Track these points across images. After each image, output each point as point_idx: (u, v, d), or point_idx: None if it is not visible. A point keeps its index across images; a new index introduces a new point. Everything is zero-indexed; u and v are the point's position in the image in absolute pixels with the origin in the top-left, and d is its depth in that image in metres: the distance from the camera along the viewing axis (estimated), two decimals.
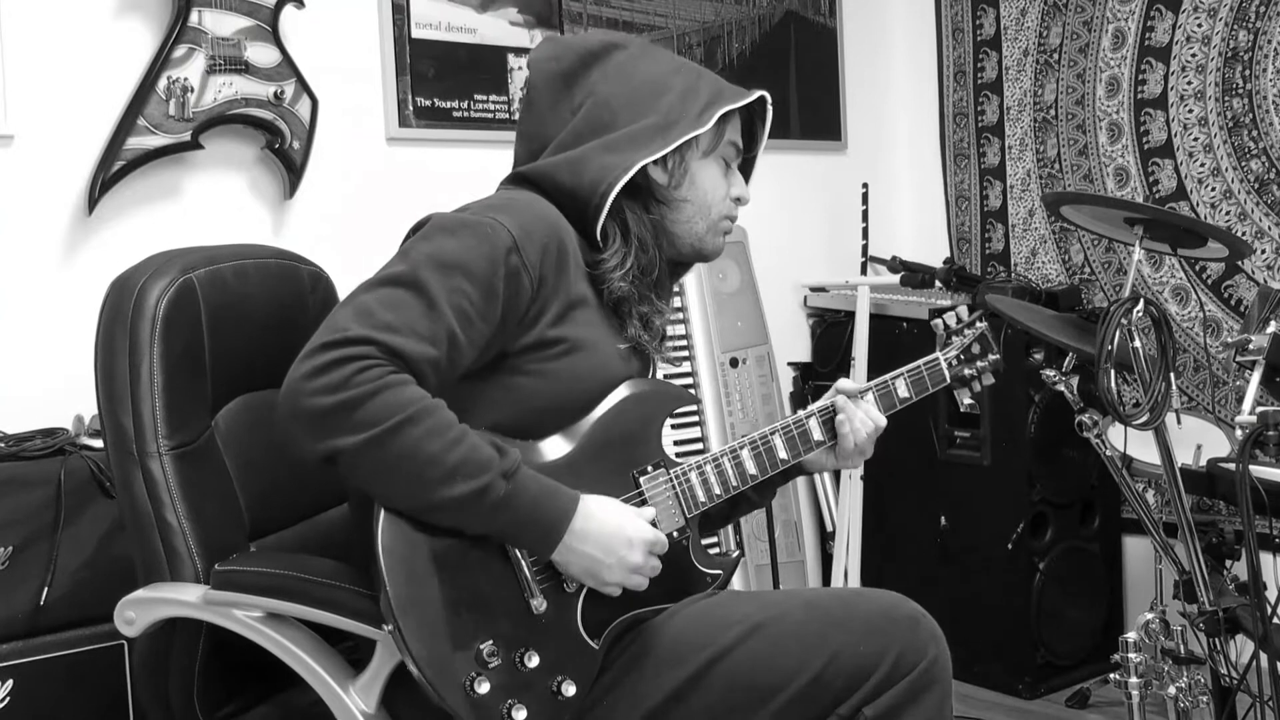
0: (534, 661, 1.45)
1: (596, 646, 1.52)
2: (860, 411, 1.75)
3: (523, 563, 1.47)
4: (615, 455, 1.58)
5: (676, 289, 1.84)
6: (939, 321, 1.87)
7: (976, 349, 1.87)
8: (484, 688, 1.40)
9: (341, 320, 1.42)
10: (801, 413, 1.75)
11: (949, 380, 1.86)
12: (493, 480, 1.41)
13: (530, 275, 1.51)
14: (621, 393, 1.61)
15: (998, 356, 1.88)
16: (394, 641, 1.39)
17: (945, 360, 1.85)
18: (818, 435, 1.74)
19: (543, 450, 1.55)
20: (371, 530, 1.41)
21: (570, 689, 1.47)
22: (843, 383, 1.79)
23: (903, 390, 1.81)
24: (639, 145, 1.62)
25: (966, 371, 1.87)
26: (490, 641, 1.43)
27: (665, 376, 3.08)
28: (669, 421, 1.74)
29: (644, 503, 1.59)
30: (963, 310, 1.88)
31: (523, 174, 1.68)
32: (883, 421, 1.77)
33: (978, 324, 1.87)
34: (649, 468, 1.61)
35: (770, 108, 1.78)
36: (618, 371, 1.62)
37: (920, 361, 1.84)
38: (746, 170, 1.82)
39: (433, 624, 1.40)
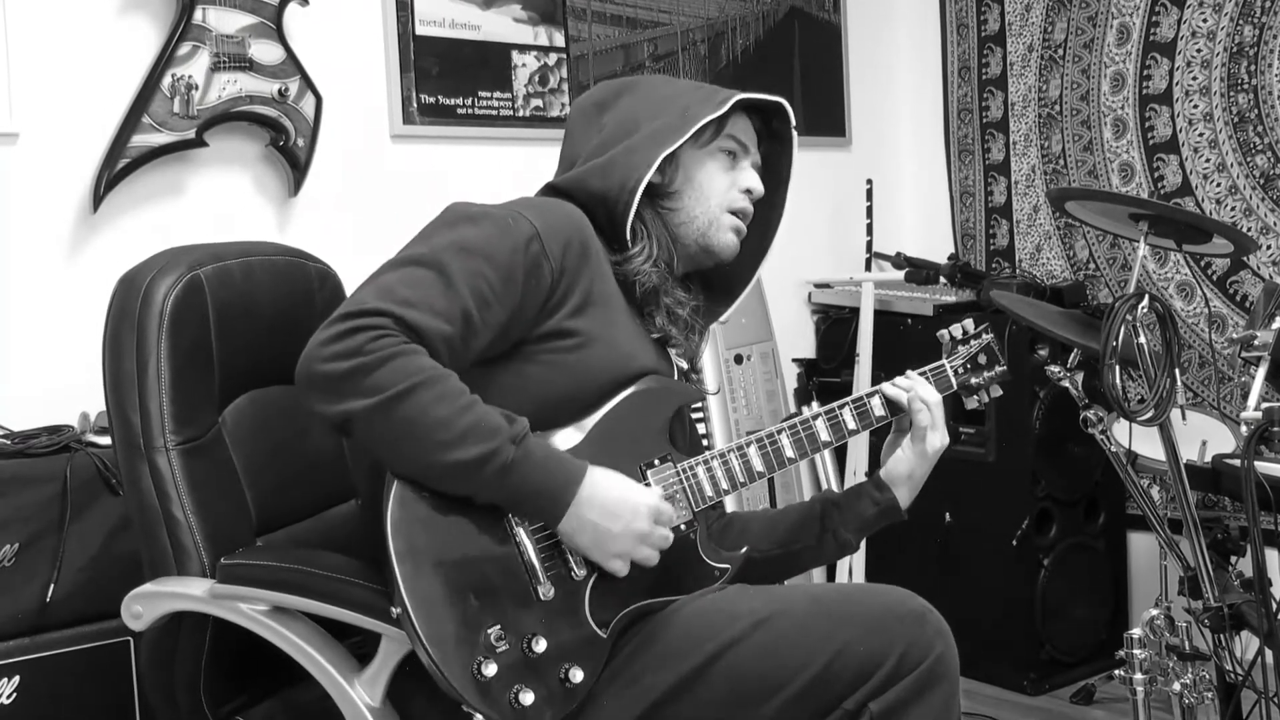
0: (541, 647, 1.45)
1: (604, 636, 1.52)
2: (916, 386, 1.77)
3: (530, 549, 1.49)
4: (623, 449, 1.59)
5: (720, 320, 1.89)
6: (944, 333, 1.88)
7: (983, 359, 1.87)
8: (490, 670, 1.41)
9: (362, 295, 1.47)
10: (821, 408, 1.75)
11: (955, 387, 1.85)
12: (501, 444, 1.44)
13: (551, 265, 1.56)
14: (631, 389, 1.63)
15: (1004, 368, 1.88)
16: (402, 624, 1.40)
17: (951, 368, 1.85)
18: (824, 436, 1.73)
19: (552, 441, 1.56)
20: (381, 516, 1.43)
21: (578, 675, 1.48)
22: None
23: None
24: (659, 141, 1.68)
25: (973, 380, 1.86)
26: (498, 626, 1.43)
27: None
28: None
29: None
30: (968, 324, 1.88)
31: (554, 184, 1.75)
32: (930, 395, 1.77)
33: (983, 335, 1.87)
34: (655, 461, 1.62)
35: (793, 122, 1.85)
36: (635, 368, 1.64)
37: (926, 368, 1.83)
38: (778, 181, 1.86)
39: (440, 608, 1.41)
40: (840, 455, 3.36)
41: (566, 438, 1.57)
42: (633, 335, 1.67)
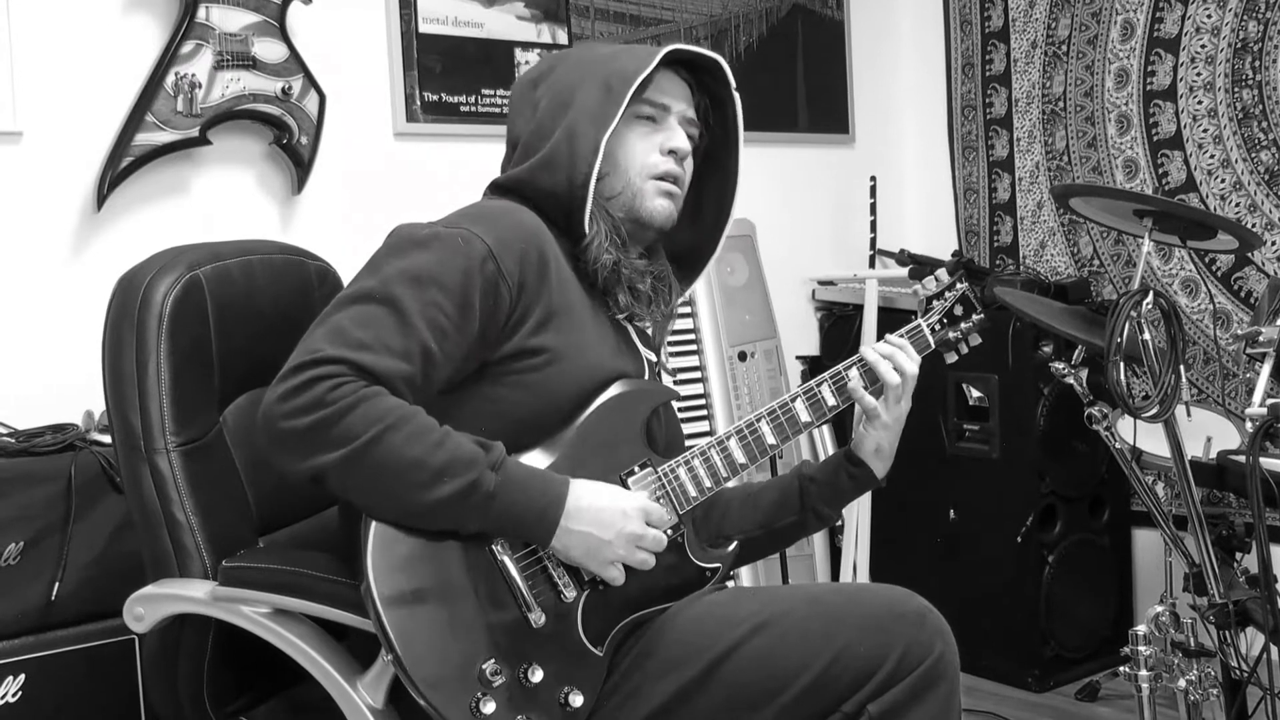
0: (538, 676, 1.44)
1: (600, 654, 1.51)
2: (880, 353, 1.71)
3: (516, 578, 1.46)
4: (601, 460, 1.56)
5: (686, 298, 1.80)
6: (918, 287, 1.80)
7: (959, 310, 1.79)
8: (489, 707, 1.39)
9: (314, 341, 1.43)
10: (799, 388, 1.70)
11: (934, 346, 1.78)
12: (481, 474, 1.42)
13: (508, 284, 1.51)
14: (602, 397, 1.59)
15: (982, 315, 1.79)
16: (397, 670, 1.38)
17: (927, 326, 1.78)
18: (804, 417, 1.68)
19: (528, 461, 1.53)
20: (361, 562, 1.40)
21: (578, 699, 1.47)
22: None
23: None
24: (595, 119, 1.60)
25: (951, 335, 1.78)
26: (492, 660, 1.42)
27: (673, 369, 3.10)
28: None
29: None
30: (942, 274, 1.81)
31: (500, 184, 1.69)
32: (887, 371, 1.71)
33: (958, 285, 1.79)
34: (635, 468, 1.60)
35: (732, 82, 1.72)
36: (604, 376, 1.60)
37: (902, 330, 1.76)
38: (725, 151, 1.77)
39: (432, 649, 1.39)
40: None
41: (541, 457, 1.54)
42: (599, 338, 1.62)
